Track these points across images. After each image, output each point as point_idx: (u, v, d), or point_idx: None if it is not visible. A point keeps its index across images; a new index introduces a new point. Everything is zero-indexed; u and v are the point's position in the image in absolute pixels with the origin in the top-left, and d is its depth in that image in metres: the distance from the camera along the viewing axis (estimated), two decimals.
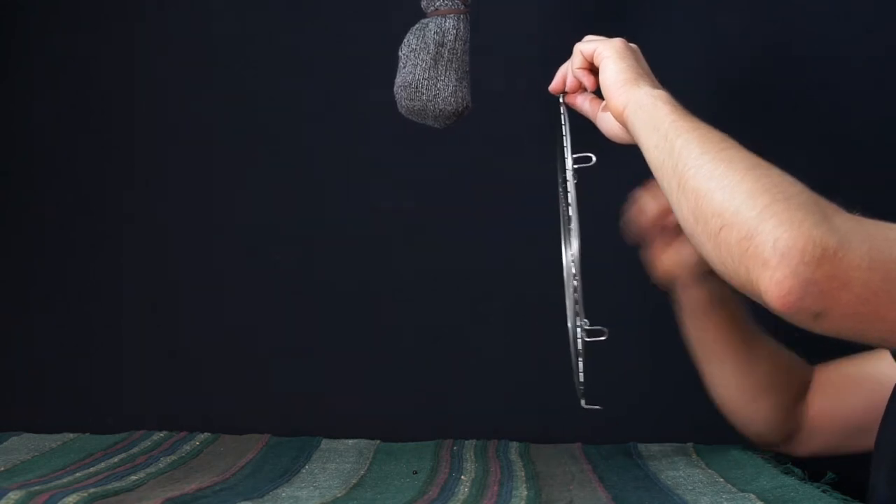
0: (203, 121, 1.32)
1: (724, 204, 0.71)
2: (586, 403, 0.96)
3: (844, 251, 0.65)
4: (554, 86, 1.01)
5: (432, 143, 1.18)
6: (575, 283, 0.93)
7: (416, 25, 1.04)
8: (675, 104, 0.84)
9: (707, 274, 1.01)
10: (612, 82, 0.91)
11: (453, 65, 1.02)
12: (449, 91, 1.02)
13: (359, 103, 1.29)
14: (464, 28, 1.03)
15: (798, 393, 1.08)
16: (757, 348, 1.06)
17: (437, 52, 1.02)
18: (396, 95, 1.05)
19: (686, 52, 1.28)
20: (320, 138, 1.31)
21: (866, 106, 1.28)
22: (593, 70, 0.96)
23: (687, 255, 1.01)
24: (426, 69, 1.02)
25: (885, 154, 1.28)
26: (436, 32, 1.02)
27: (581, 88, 0.99)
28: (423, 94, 1.02)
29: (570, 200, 0.93)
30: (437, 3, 1.03)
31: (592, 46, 0.95)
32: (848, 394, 1.05)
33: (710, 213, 0.72)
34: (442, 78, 1.02)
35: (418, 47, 1.02)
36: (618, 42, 0.94)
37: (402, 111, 1.06)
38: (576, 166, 0.92)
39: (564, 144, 0.94)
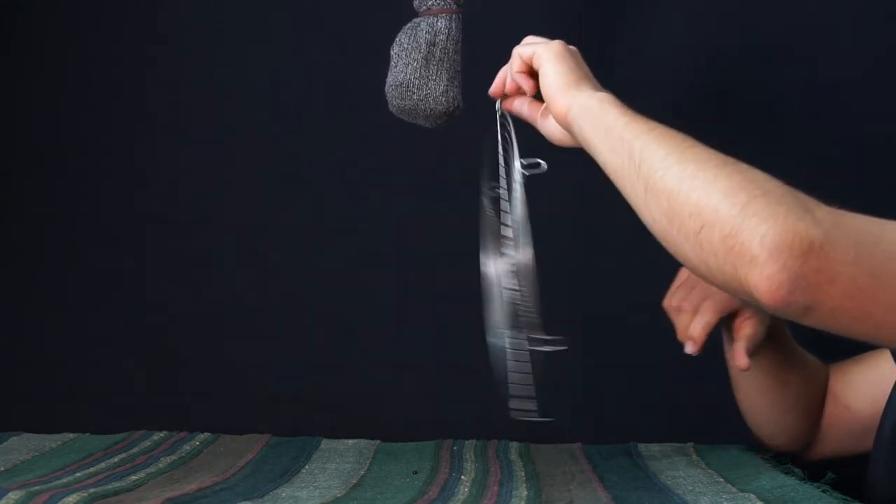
0: (201, 122, 1.32)
1: (701, 204, 0.70)
2: (527, 414, 0.93)
3: (830, 245, 0.65)
4: (493, 89, 0.98)
5: (425, 143, 1.18)
6: (511, 290, 0.91)
7: (408, 25, 1.04)
8: (623, 106, 0.83)
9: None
10: (552, 86, 0.89)
11: (444, 64, 1.02)
12: (440, 91, 1.02)
13: (356, 103, 1.29)
14: (455, 28, 1.03)
15: (821, 399, 1.08)
16: (793, 365, 1.05)
17: (428, 52, 1.02)
18: (388, 94, 1.04)
19: (682, 52, 1.29)
20: (317, 138, 1.31)
21: (863, 106, 1.28)
22: (532, 74, 0.94)
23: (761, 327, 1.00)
24: (417, 68, 1.02)
25: (882, 155, 1.28)
26: (427, 32, 1.02)
27: (520, 92, 0.96)
28: (414, 93, 1.02)
29: (517, 207, 0.91)
30: (430, 3, 1.02)
31: (531, 50, 0.92)
32: (856, 398, 1.05)
33: (687, 214, 0.71)
34: (433, 77, 1.02)
35: (410, 46, 1.02)
36: (556, 44, 0.92)
37: (394, 110, 1.05)
38: (526, 173, 0.89)
39: (509, 148, 0.92)
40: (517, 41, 0.98)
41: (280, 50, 1.31)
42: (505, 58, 1.10)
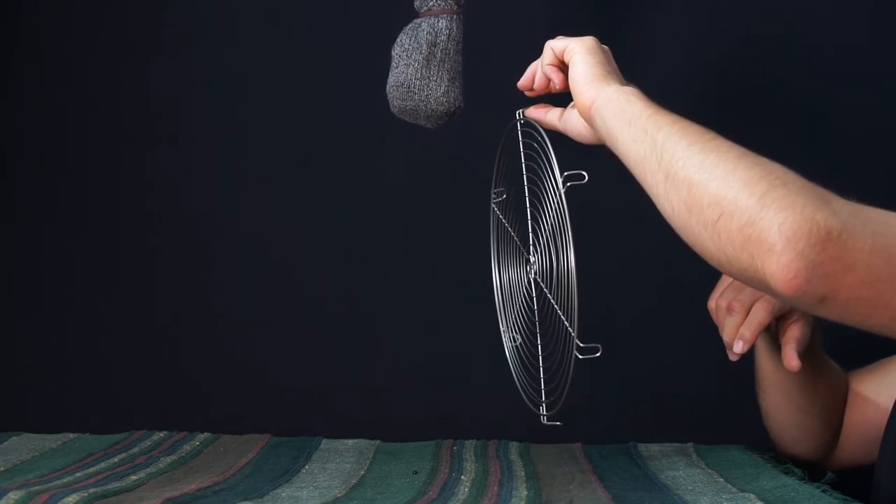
0: (203, 123, 1.32)
1: (721, 193, 0.71)
2: (548, 420, 0.94)
3: (848, 234, 0.66)
4: (522, 82, 0.99)
5: (426, 144, 1.18)
6: (549, 302, 0.91)
7: (409, 25, 1.04)
8: (647, 99, 0.84)
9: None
10: (580, 77, 0.90)
11: (445, 65, 1.02)
12: (441, 91, 1.02)
13: (356, 103, 1.29)
14: (456, 28, 1.03)
15: (843, 407, 1.07)
16: (822, 371, 1.05)
17: (429, 52, 1.02)
18: (389, 95, 1.04)
19: (681, 50, 1.29)
20: (318, 139, 1.31)
21: (871, 99, 1.29)
22: (563, 68, 0.95)
23: (806, 331, 0.99)
24: (418, 69, 1.02)
25: (883, 150, 1.28)
26: (428, 32, 1.02)
27: (549, 86, 0.97)
28: (415, 93, 1.02)
29: (562, 216, 0.90)
30: (430, 3, 1.02)
31: (564, 43, 0.94)
32: (873, 406, 1.05)
33: (706, 203, 0.72)
34: (434, 78, 1.02)
35: (411, 47, 1.02)
36: (589, 40, 0.93)
37: (395, 111, 1.05)
38: (569, 184, 0.88)
39: (550, 157, 0.91)
40: (517, 42, 0.98)
41: (281, 51, 1.31)
42: (505, 58, 1.11)
